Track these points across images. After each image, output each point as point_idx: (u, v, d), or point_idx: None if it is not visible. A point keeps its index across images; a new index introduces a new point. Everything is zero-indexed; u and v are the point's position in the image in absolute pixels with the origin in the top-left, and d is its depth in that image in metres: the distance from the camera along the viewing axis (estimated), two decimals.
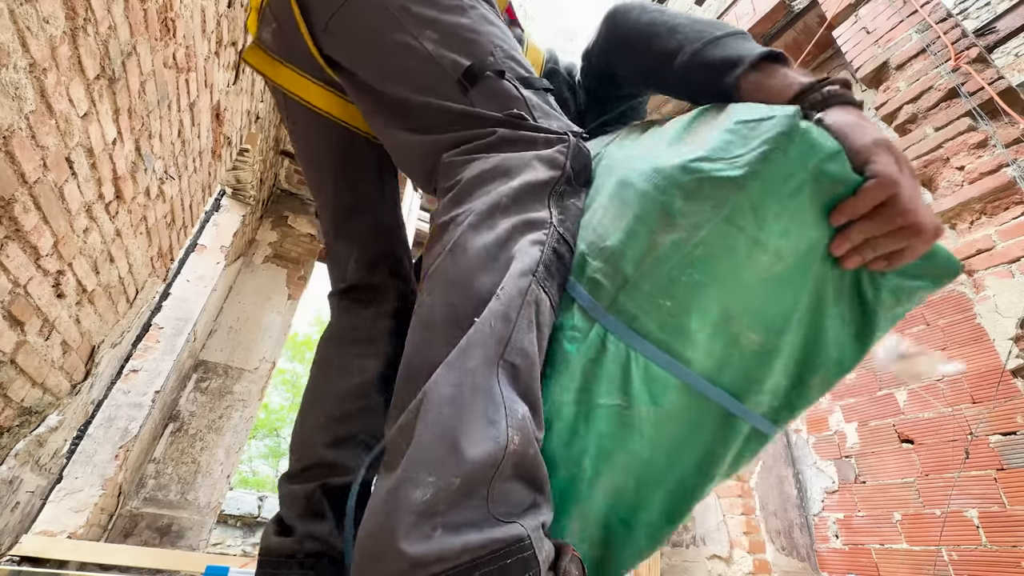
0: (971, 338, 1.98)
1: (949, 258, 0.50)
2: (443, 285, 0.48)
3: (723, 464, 0.54)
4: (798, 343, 0.51)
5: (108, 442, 2.90)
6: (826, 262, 0.49)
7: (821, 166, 0.45)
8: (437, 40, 0.63)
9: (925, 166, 1.93)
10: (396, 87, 0.65)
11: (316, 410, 0.77)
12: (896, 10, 2.26)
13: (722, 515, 2.21)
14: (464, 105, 0.60)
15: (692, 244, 0.47)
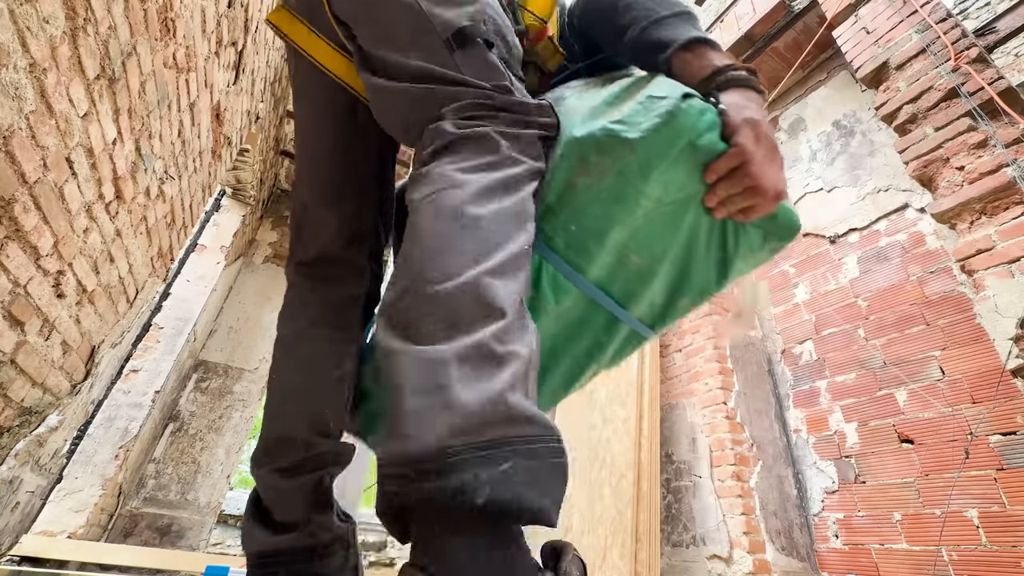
0: (971, 338, 1.98)
1: (790, 220, 0.65)
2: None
3: (606, 354, 0.70)
4: (672, 271, 0.67)
5: (108, 442, 2.90)
6: (701, 212, 0.63)
7: (697, 138, 0.58)
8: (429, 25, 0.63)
9: (925, 166, 1.93)
10: (386, 49, 0.65)
11: (299, 401, 0.74)
12: (896, 10, 2.26)
13: (722, 515, 2.21)
14: (449, 69, 0.60)
15: (597, 188, 0.62)
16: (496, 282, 0.45)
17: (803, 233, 2.86)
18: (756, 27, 3.08)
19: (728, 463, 2.28)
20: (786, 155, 3.18)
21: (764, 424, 2.48)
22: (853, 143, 2.78)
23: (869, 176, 2.63)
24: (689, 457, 2.48)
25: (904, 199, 2.43)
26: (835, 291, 2.57)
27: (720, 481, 2.29)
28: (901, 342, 2.20)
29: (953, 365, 2.00)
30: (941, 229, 2.22)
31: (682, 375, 2.72)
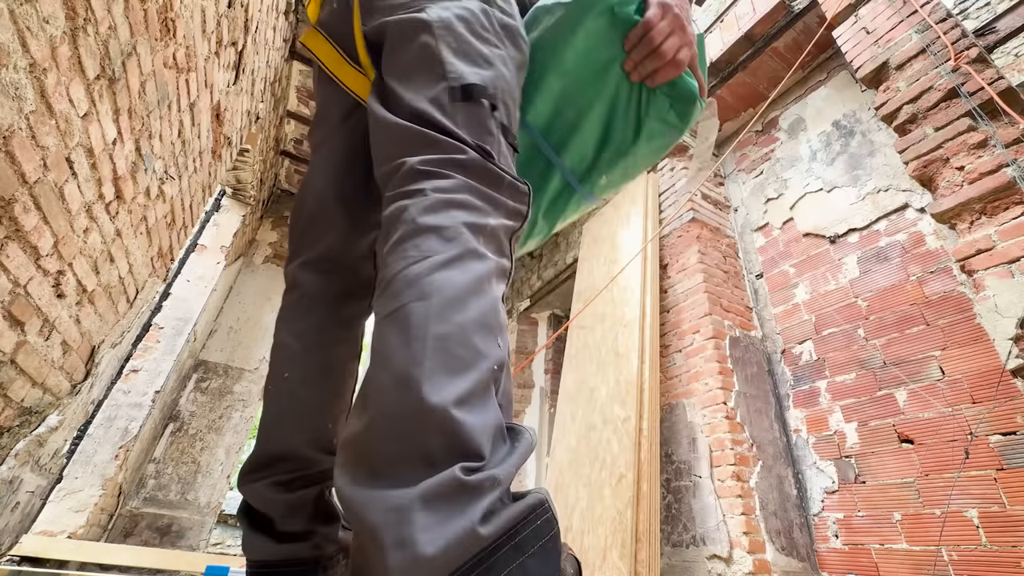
0: (971, 338, 1.98)
1: (689, 88, 0.77)
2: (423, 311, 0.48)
3: (544, 200, 0.84)
4: (597, 125, 0.79)
5: (108, 442, 2.90)
6: (620, 75, 0.76)
7: (616, 7, 0.74)
8: (454, 49, 0.66)
9: (925, 166, 1.93)
10: (396, 80, 0.67)
11: (301, 416, 0.73)
12: (896, 10, 2.26)
13: (722, 515, 2.21)
14: (447, 117, 0.61)
15: (538, 44, 0.78)
16: (468, 417, 0.42)
17: (803, 233, 2.86)
18: (756, 27, 3.08)
19: (728, 463, 2.28)
20: (786, 155, 3.17)
21: (764, 424, 2.48)
22: (853, 143, 2.78)
23: (869, 176, 2.63)
24: (689, 457, 2.48)
25: (904, 199, 2.43)
26: (835, 291, 2.57)
27: (720, 481, 2.29)
28: (901, 342, 2.20)
29: (953, 365, 2.00)
30: (941, 229, 2.22)
31: (682, 375, 2.72)
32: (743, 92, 3.45)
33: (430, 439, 0.41)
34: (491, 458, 0.43)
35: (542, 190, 0.83)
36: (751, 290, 3.05)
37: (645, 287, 2.98)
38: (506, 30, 0.74)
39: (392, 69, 0.69)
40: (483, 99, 0.64)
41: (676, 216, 3.23)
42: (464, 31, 0.68)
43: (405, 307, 0.48)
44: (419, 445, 0.41)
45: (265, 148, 3.86)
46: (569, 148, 0.81)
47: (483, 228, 0.56)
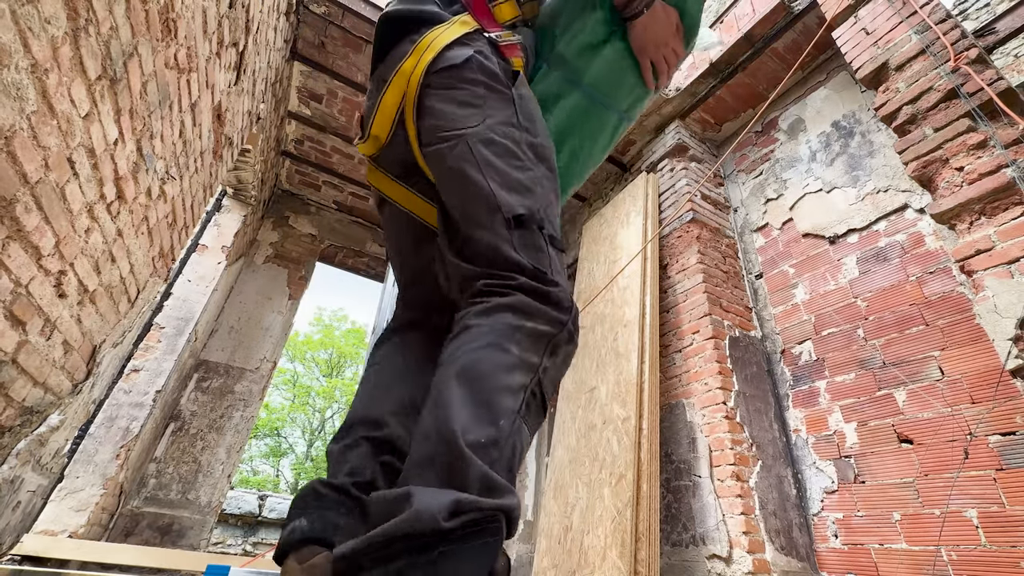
0: (970, 338, 1.98)
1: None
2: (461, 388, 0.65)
3: (609, 128, 1.15)
4: (633, 86, 1.14)
5: (109, 441, 2.91)
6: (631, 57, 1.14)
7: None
8: (500, 183, 0.80)
9: (924, 167, 1.94)
10: (459, 210, 0.83)
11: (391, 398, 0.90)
12: (896, 11, 2.26)
13: (721, 515, 2.22)
14: (507, 244, 0.77)
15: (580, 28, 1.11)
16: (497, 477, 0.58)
17: (803, 233, 2.86)
18: (756, 28, 3.08)
19: (728, 463, 2.28)
20: (785, 156, 3.18)
21: (763, 424, 2.48)
22: (852, 144, 2.79)
23: (868, 177, 2.63)
24: (689, 457, 2.49)
25: (903, 200, 2.43)
26: (834, 291, 2.57)
27: (720, 481, 2.29)
28: (901, 342, 2.20)
29: (952, 365, 2.01)
30: (940, 229, 2.22)
31: (682, 375, 2.73)
32: (743, 93, 3.45)
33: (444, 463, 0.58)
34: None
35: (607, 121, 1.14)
36: (751, 290, 3.05)
37: (645, 287, 2.98)
38: (534, 150, 0.88)
39: (451, 198, 0.84)
40: (532, 224, 0.78)
41: (676, 216, 3.24)
42: (504, 166, 0.83)
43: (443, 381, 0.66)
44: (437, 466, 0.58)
45: (266, 148, 3.86)
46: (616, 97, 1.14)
47: (520, 328, 0.70)
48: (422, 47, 0.91)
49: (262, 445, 17.09)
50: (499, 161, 0.82)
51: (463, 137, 0.84)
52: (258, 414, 4.30)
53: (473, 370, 0.65)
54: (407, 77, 0.91)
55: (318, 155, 4.67)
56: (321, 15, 3.33)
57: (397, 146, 0.96)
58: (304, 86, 3.93)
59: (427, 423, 0.62)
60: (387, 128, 0.95)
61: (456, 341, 0.70)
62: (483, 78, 0.89)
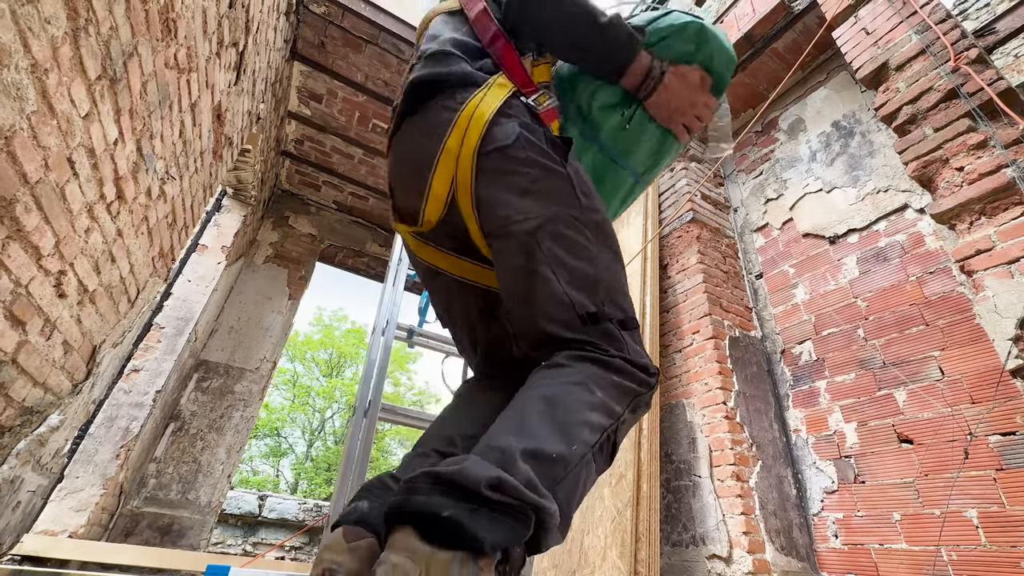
0: (970, 338, 1.98)
1: None
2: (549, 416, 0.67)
3: (623, 189, 1.12)
4: (653, 151, 1.09)
5: (109, 441, 2.91)
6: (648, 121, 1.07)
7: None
8: (568, 281, 0.80)
9: (924, 167, 1.94)
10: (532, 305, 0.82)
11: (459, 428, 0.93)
12: (896, 11, 2.26)
13: (721, 515, 2.22)
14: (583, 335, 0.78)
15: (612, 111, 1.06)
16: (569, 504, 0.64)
17: (803, 233, 2.86)
18: (756, 28, 3.08)
19: (728, 463, 2.28)
20: (785, 156, 3.18)
21: (764, 424, 2.48)
22: (852, 144, 2.79)
23: (868, 177, 2.63)
24: (689, 457, 2.49)
25: (903, 200, 2.43)
26: (834, 291, 2.57)
27: (720, 481, 2.29)
28: (900, 342, 2.20)
29: (952, 365, 2.01)
30: (940, 229, 2.22)
31: (682, 375, 2.73)
32: (743, 93, 3.45)
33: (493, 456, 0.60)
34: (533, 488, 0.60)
35: (623, 181, 1.12)
36: (751, 290, 3.05)
37: (645, 287, 2.98)
38: (597, 229, 0.87)
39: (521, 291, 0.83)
40: (603, 320, 0.79)
41: (676, 216, 3.24)
42: (574, 262, 0.82)
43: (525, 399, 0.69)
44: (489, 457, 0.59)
45: (266, 148, 3.86)
46: (632, 159, 1.10)
47: (610, 380, 0.73)
48: (463, 120, 0.86)
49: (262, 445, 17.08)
50: (569, 258, 0.81)
51: (531, 234, 0.82)
52: (258, 414, 4.30)
53: (559, 398, 0.67)
54: (455, 158, 0.87)
55: (318, 155, 4.67)
56: (321, 15, 3.33)
57: (450, 225, 0.92)
58: (304, 86, 3.93)
59: (498, 426, 0.64)
60: (440, 211, 0.91)
61: (545, 372, 0.73)
62: (537, 158, 0.86)
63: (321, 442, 17.61)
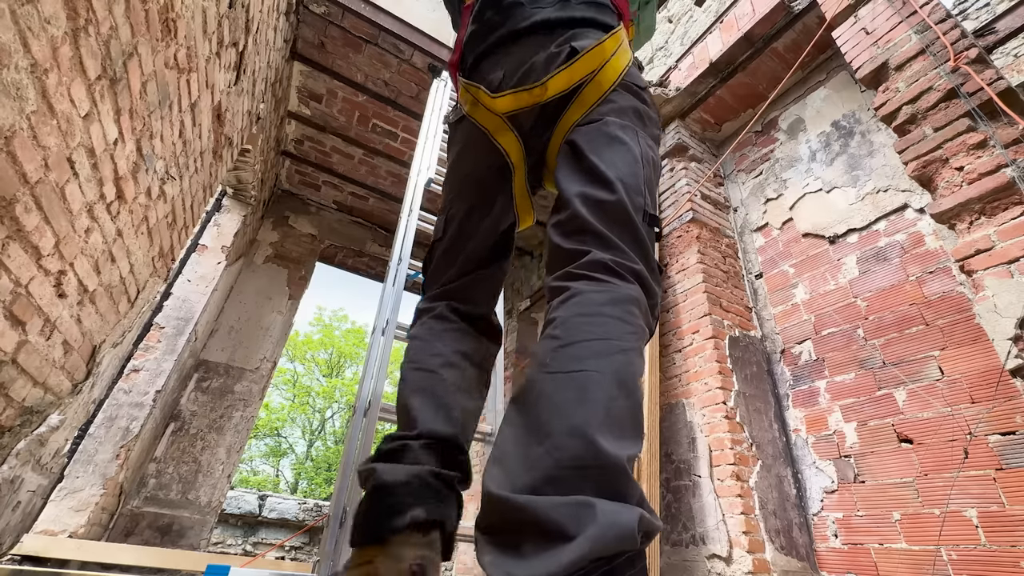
0: (970, 338, 1.98)
1: None
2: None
3: None
4: None
5: (109, 441, 2.91)
6: None
7: None
8: (646, 183, 0.91)
9: (924, 166, 1.94)
10: (616, 171, 0.88)
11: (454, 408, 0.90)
12: (896, 10, 2.26)
13: (721, 514, 2.22)
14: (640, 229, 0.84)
15: None
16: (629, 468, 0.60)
17: (803, 233, 2.86)
18: (756, 28, 3.08)
19: (727, 463, 2.28)
20: (785, 156, 3.18)
21: (763, 424, 2.48)
22: (852, 144, 2.79)
23: (868, 176, 2.63)
24: (688, 456, 2.49)
25: (903, 199, 2.43)
26: (834, 291, 2.57)
27: (719, 480, 2.29)
28: (900, 342, 2.20)
29: (952, 365, 2.01)
30: (940, 229, 2.22)
31: (682, 375, 2.73)
32: (743, 92, 3.45)
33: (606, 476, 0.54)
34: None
35: None
36: (750, 290, 3.05)
37: None
38: (656, 168, 0.98)
39: (609, 158, 0.89)
40: (654, 227, 0.88)
41: (676, 216, 3.24)
42: (652, 176, 0.94)
43: (586, 373, 0.63)
44: (593, 478, 0.54)
45: (266, 148, 3.86)
46: None
47: (644, 332, 0.74)
48: (616, 40, 1.03)
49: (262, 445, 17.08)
50: (651, 171, 0.94)
51: (637, 132, 0.96)
52: (258, 414, 4.30)
53: (631, 380, 0.65)
54: (605, 58, 1.00)
55: (318, 155, 4.67)
56: (321, 15, 3.33)
57: (548, 110, 1.01)
58: (304, 86, 3.93)
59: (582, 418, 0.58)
60: (563, 89, 0.99)
61: (599, 323, 0.69)
62: (654, 115, 1.06)
63: (321, 442, 17.61)
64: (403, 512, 0.69)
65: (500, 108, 1.03)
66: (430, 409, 0.87)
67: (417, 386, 0.91)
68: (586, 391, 0.61)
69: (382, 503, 0.72)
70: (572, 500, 0.51)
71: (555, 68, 1.00)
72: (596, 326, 0.69)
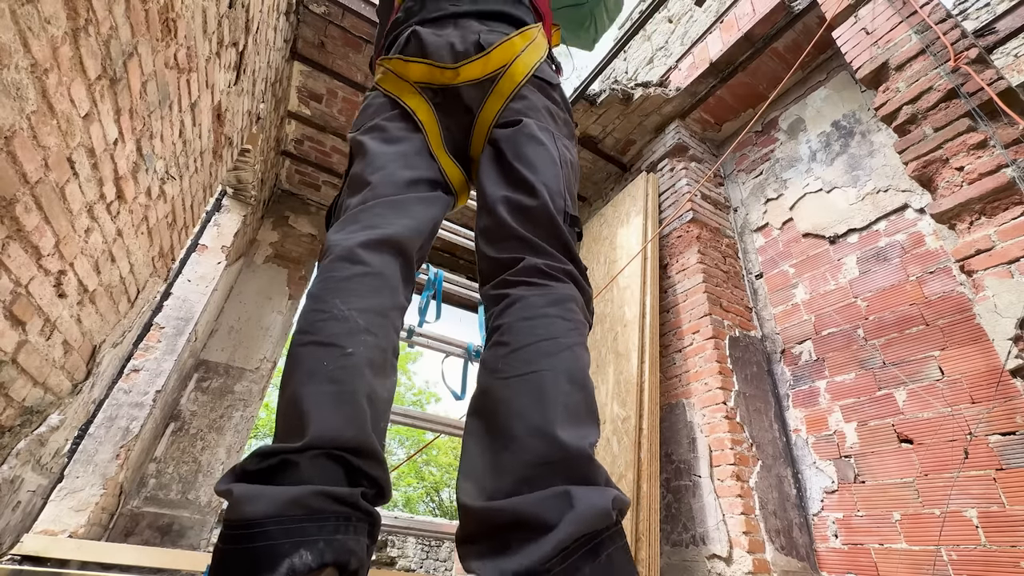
0: (970, 338, 1.98)
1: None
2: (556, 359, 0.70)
3: None
4: None
5: (109, 441, 2.91)
6: None
7: None
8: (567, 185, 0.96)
9: (924, 166, 1.94)
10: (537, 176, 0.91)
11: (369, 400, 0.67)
12: (896, 10, 2.26)
13: (721, 515, 2.22)
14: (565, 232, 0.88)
15: None
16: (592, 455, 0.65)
17: (803, 233, 2.86)
18: (756, 28, 3.08)
19: (728, 463, 2.28)
20: (785, 156, 3.18)
21: (764, 424, 2.48)
22: (852, 143, 2.79)
23: (868, 176, 2.63)
24: (689, 457, 2.49)
25: (903, 199, 2.43)
26: (834, 291, 2.57)
27: (720, 481, 2.29)
28: (900, 342, 2.20)
29: (952, 365, 2.01)
30: (940, 229, 2.22)
31: (682, 375, 2.73)
32: (743, 92, 3.45)
33: (574, 466, 0.58)
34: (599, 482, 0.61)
35: None
36: (751, 290, 3.05)
37: (645, 287, 2.98)
38: (574, 168, 1.03)
39: (529, 162, 0.93)
40: (575, 228, 0.91)
41: (676, 216, 3.24)
42: (572, 178, 1.00)
43: (539, 373, 0.66)
44: (562, 471, 0.58)
45: (266, 148, 3.86)
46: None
47: (584, 326, 0.77)
48: (526, 37, 1.09)
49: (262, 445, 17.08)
50: (569, 172, 0.99)
51: (554, 134, 1.00)
52: (258, 414, 4.30)
53: (580, 373, 0.68)
54: (515, 53, 1.06)
55: (318, 155, 4.67)
56: (321, 15, 3.33)
57: (468, 94, 1.03)
58: (304, 86, 3.93)
59: (542, 416, 0.62)
60: (476, 77, 1.03)
61: (544, 324, 0.73)
62: (565, 115, 1.10)
63: None
64: (276, 561, 0.50)
65: (412, 75, 1.06)
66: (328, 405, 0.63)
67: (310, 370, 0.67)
68: (541, 391, 0.64)
69: (245, 550, 0.51)
70: (548, 493, 0.54)
71: (468, 58, 1.04)
72: (541, 327, 0.71)
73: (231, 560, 0.52)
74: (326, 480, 0.58)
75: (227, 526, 0.53)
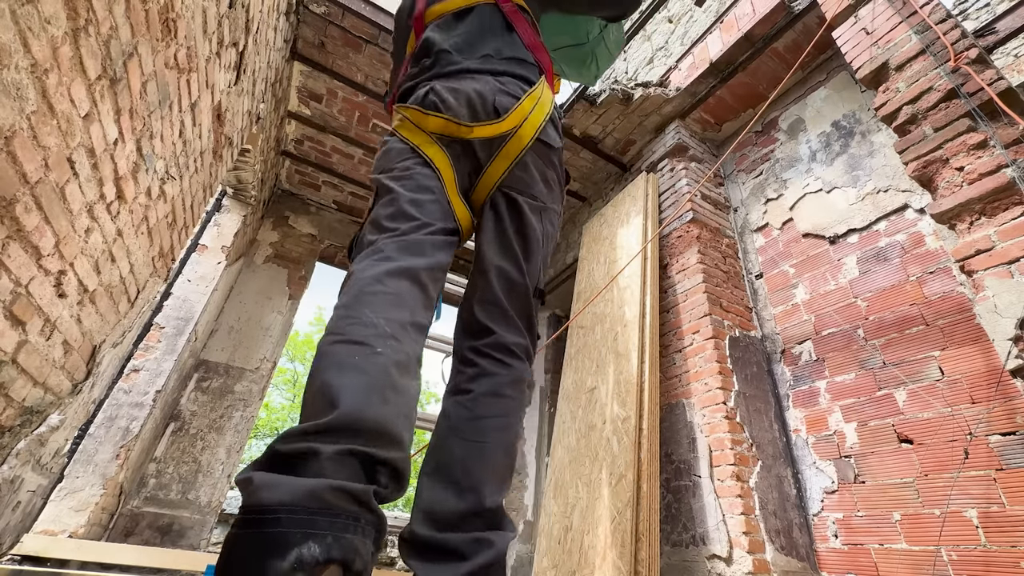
0: (970, 338, 1.98)
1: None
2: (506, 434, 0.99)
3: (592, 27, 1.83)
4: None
5: (109, 441, 2.91)
6: None
7: None
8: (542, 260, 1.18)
9: (924, 167, 1.93)
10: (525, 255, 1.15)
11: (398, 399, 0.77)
12: (896, 11, 2.26)
13: (721, 515, 2.22)
14: (534, 310, 1.14)
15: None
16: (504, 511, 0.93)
17: (803, 233, 2.86)
18: (756, 28, 3.08)
19: (728, 463, 2.28)
20: (785, 156, 3.18)
21: (764, 424, 2.48)
22: (852, 144, 2.79)
23: (868, 177, 2.63)
24: (689, 457, 2.49)
25: (903, 200, 2.43)
26: (834, 291, 2.57)
27: (720, 481, 2.29)
28: (900, 342, 2.20)
29: (952, 365, 2.01)
30: (940, 229, 2.22)
31: (682, 375, 2.73)
32: (743, 92, 3.45)
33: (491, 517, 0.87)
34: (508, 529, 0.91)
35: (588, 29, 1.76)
36: (751, 290, 3.05)
37: (645, 287, 2.98)
38: (551, 240, 1.22)
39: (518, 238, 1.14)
40: (539, 301, 1.14)
41: (676, 216, 3.24)
42: (547, 252, 1.20)
43: (486, 444, 0.93)
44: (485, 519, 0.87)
45: (266, 148, 3.86)
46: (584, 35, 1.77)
47: (527, 403, 1.01)
48: (533, 98, 1.22)
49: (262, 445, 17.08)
50: (549, 246, 1.18)
51: (542, 212, 1.17)
52: (258, 414, 4.29)
53: (512, 447, 0.95)
54: (524, 115, 1.19)
55: (318, 155, 4.66)
56: (321, 15, 3.33)
57: (480, 147, 1.17)
58: (304, 86, 3.93)
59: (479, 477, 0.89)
60: (488, 135, 1.17)
61: (501, 403, 0.98)
62: (559, 176, 1.27)
63: None
64: (285, 549, 0.52)
65: (429, 126, 1.18)
66: (356, 388, 0.70)
67: (340, 363, 0.74)
68: (483, 457, 0.90)
69: (257, 535, 0.54)
70: (471, 537, 0.81)
71: (483, 121, 1.18)
72: (498, 406, 0.97)
73: (242, 544, 0.55)
74: (343, 475, 0.61)
75: (243, 511, 0.57)
